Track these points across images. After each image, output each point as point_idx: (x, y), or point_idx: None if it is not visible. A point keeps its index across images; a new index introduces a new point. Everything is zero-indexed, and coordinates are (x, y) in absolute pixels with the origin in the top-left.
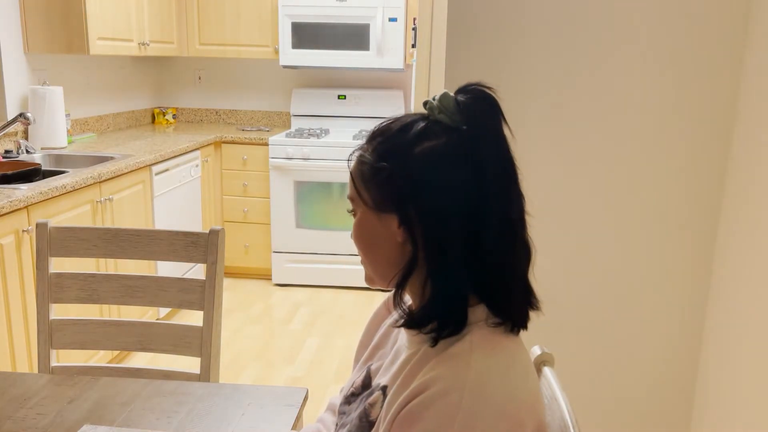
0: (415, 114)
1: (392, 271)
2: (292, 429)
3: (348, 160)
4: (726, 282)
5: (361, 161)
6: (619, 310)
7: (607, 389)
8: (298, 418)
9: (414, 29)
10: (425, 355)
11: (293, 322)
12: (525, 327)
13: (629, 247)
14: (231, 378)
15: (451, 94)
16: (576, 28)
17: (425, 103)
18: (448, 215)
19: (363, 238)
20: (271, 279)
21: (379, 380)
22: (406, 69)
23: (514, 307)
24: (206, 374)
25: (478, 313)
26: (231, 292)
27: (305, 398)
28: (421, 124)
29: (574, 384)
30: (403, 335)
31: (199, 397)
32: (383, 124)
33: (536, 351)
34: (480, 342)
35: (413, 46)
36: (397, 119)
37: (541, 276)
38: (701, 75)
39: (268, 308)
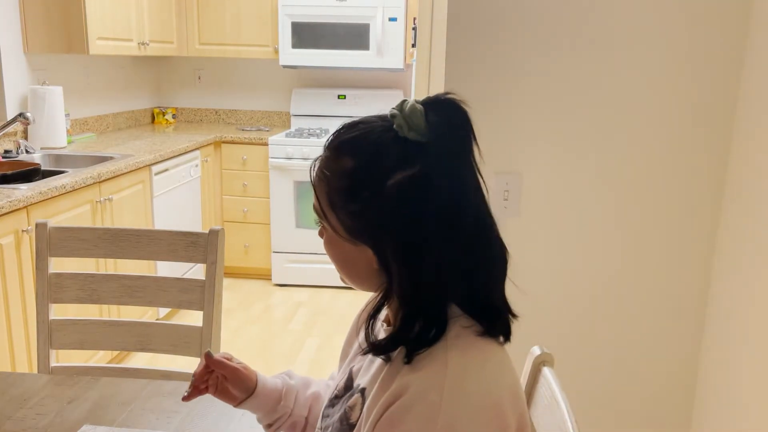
0: (380, 122)
1: (368, 283)
2: None
3: (310, 169)
4: (726, 282)
5: (328, 183)
6: (619, 310)
7: (607, 389)
8: None
9: (414, 29)
10: (402, 358)
11: (293, 322)
12: (508, 338)
13: (629, 247)
14: None
15: (419, 106)
16: (576, 28)
17: (392, 116)
18: (422, 243)
19: (337, 257)
20: (270, 279)
21: (359, 382)
22: (406, 69)
23: (495, 320)
24: None
25: (451, 312)
26: (231, 292)
27: None
28: (393, 149)
29: (574, 384)
30: (381, 336)
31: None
32: (348, 137)
33: (536, 351)
34: (455, 340)
35: (413, 45)
36: (363, 133)
37: (540, 276)
38: (701, 74)
39: (268, 308)
